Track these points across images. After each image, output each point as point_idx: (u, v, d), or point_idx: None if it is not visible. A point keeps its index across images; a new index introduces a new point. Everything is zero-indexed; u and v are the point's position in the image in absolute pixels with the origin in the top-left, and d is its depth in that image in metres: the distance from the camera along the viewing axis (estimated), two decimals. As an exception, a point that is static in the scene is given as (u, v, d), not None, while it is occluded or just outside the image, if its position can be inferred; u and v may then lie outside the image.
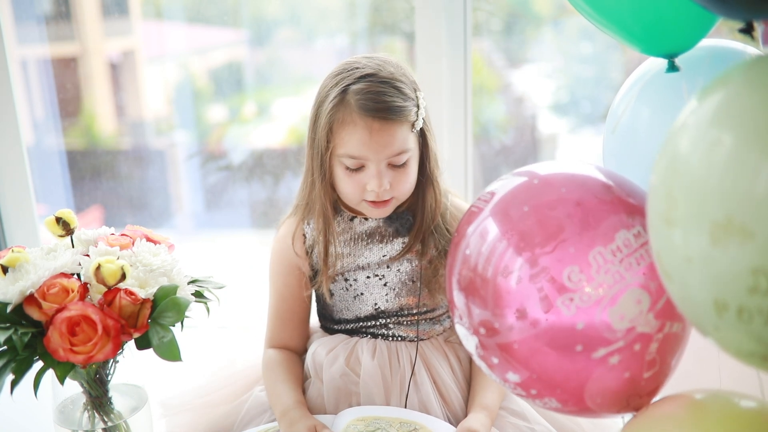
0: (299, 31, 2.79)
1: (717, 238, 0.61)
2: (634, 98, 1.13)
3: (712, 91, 0.66)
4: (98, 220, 2.66)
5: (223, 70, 2.96)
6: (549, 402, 0.87)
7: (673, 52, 1.01)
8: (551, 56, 2.65)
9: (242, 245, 2.92)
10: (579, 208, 0.83)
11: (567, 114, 2.74)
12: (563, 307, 0.81)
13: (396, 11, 2.48)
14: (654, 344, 0.83)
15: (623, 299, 0.80)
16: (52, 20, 2.58)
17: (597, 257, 0.81)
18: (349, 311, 1.32)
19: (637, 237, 0.82)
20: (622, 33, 1.02)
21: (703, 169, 0.62)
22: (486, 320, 0.85)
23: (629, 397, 0.85)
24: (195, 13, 2.76)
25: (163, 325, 1.04)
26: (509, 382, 0.88)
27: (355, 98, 1.15)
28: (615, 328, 0.81)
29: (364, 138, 1.15)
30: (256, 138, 2.96)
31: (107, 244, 1.12)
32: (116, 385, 1.16)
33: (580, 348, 0.81)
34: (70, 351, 0.99)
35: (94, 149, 2.84)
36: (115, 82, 2.87)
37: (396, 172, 1.19)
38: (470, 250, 0.88)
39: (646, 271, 0.81)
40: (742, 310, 0.62)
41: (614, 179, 0.89)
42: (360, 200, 1.22)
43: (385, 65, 1.19)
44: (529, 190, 0.87)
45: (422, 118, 1.20)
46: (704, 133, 0.64)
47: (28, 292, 1.01)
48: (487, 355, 0.88)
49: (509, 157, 2.60)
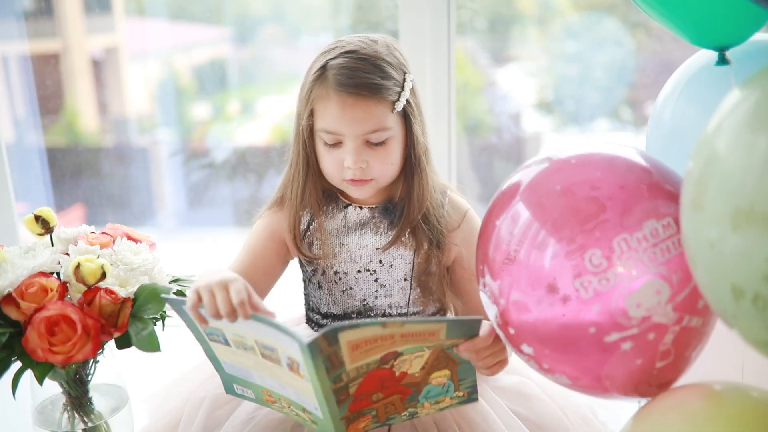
0: (283, 28, 2.78)
1: (738, 224, 0.63)
2: (679, 94, 1.14)
3: (756, 84, 0.67)
4: (80, 218, 2.63)
5: (206, 67, 2.95)
6: (560, 378, 0.90)
7: (723, 45, 1.00)
8: (535, 55, 2.66)
9: (225, 243, 2.90)
10: (621, 191, 0.84)
11: (551, 112, 2.76)
12: (581, 288, 0.82)
13: (380, 9, 2.48)
14: (669, 335, 0.83)
15: (642, 288, 0.81)
16: (32, 16, 2.56)
17: (621, 243, 0.82)
18: (337, 305, 1.31)
19: (666, 228, 0.83)
20: (674, 23, 1.01)
21: (735, 157, 0.64)
22: (517, 298, 0.87)
23: (638, 383, 0.86)
24: (178, 10, 2.74)
25: (143, 319, 1.03)
26: (523, 353, 0.90)
27: (332, 73, 1.17)
28: (630, 315, 0.82)
29: (337, 112, 1.16)
30: (240, 136, 2.95)
31: (87, 242, 1.10)
32: (96, 385, 1.15)
33: (594, 330, 0.83)
34: (49, 351, 0.98)
35: (76, 147, 2.82)
36: (98, 79, 2.85)
37: (374, 150, 1.19)
38: (504, 231, 0.90)
39: (670, 263, 0.82)
40: (757, 297, 0.63)
41: (654, 164, 0.90)
42: (340, 178, 1.22)
43: (373, 44, 1.20)
44: (562, 172, 0.89)
45: (407, 99, 1.20)
46: (740, 133, 0.65)
47: (6, 291, 1.00)
48: (505, 325, 0.90)
49: (493, 155, 2.60)
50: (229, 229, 2.92)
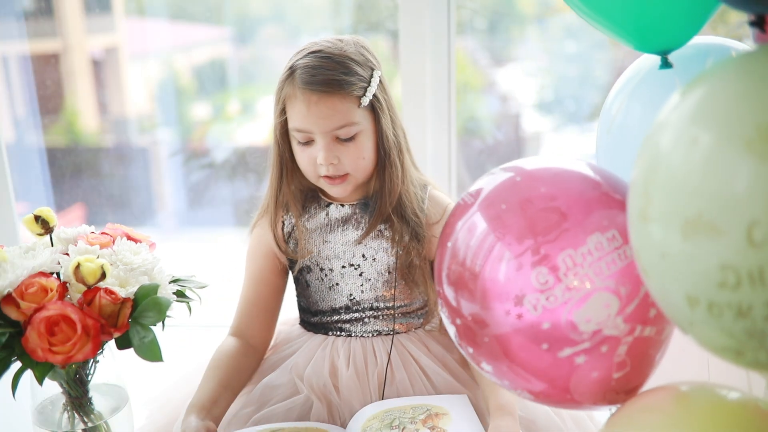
0: (283, 28, 2.78)
1: (688, 234, 0.62)
2: (627, 96, 1.13)
3: (693, 88, 0.67)
4: (80, 218, 2.63)
5: (206, 67, 2.95)
6: (522, 393, 0.89)
7: (666, 49, 1.01)
8: (536, 55, 2.66)
9: (225, 243, 2.90)
10: (566, 206, 0.83)
11: (551, 112, 2.75)
12: (530, 306, 0.81)
13: (380, 9, 2.48)
14: (623, 347, 0.83)
15: (590, 302, 0.80)
16: (32, 16, 2.56)
17: (566, 259, 0.81)
18: (325, 302, 1.32)
19: (611, 241, 0.82)
20: (614, 29, 1.01)
21: (679, 167, 0.64)
22: (474, 312, 0.86)
23: (602, 393, 0.86)
24: (178, 10, 2.74)
25: (144, 325, 1.03)
26: (484, 370, 0.90)
27: (298, 72, 1.21)
28: (581, 329, 0.81)
29: (303, 110, 1.20)
30: (240, 136, 2.95)
31: (87, 242, 1.10)
32: (96, 385, 1.15)
33: (546, 346, 0.82)
34: (48, 351, 0.97)
35: (76, 147, 2.82)
36: (98, 79, 2.85)
37: (345, 146, 1.22)
38: (459, 243, 0.88)
39: (617, 276, 0.81)
40: (712, 305, 0.63)
41: (602, 175, 0.89)
42: (317, 176, 1.25)
43: (339, 43, 1.23)
44: (513, 186, 0.87)
45: (373, 94, 1.23)
46: (683, 131, 0.64)
47: (6, 291, 1.00)
48: (464, 344, 0.90)
49: (493, 155, 2.60)
50: (229, 229, 2.92)
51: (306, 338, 1.34)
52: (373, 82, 1.22)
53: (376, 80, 1.23)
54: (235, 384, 1.25)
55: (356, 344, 1.29)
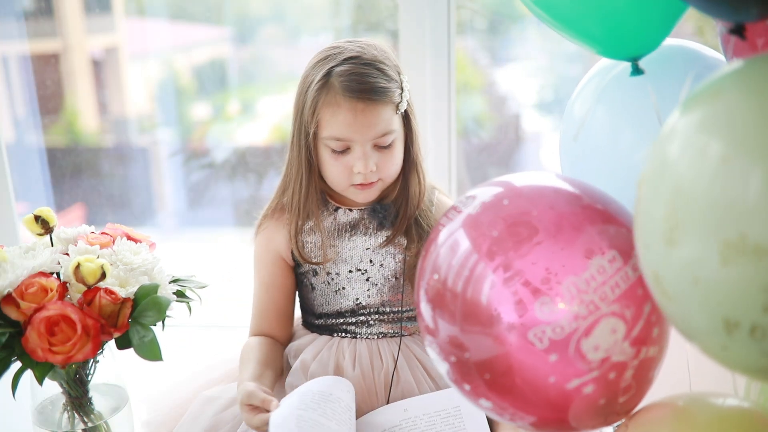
0: (283, 28, 2.78)
1: (728, 257, 0.59)
2: (592, 102, 1.09)
3: (705, 102, 0.64)
4: (80, 218, 2.63)
5: (206, 67, 2.95)
6: (523, 424, 0.86)
7: (636, 55, 0.96)
8: (535, 55, 2.66)
9: (225, 243, 2.90)
10: (562, 229, 0.80)
11: (551, 112, 2.75)
12: (536, 339, 0.78)
13: (380, 9, 2.48)
14: (629, 371, 0.81)
15: (598, 329, 0.78)
16: (32, 16, 2.56)
17: (570, 288, 0.77)
18: (330, 305, 1.32)
19: (612, 262, 0.79)
20: (580, 36, 0.97)
21: (713, 188, 0.60)
22: (454, 336, 0.83)
23: (607, 416, 0.84)
24: (178, 10, 2.74)
25: (144, 325, 1.03)
26: (482, 407, 0.86)
27: (339, 80, 1.16)
28: (589, 359, 0.78)
29: (348, 119, 1.16)
30: (240, 136, 2.95)
31: (87, 242, 1.10)
32: (96, 385, 1.15)
33: (553, 380, 0.79)
34: (48, 351, 0.98)
35: (76, 147, 2.82)
36: (98, 79, 2.85)
37: (382, 153, 1.20)
38: (440, 260, 0.85)
39: (621, 299, 0.78)
40: (755, 328, 0.60)
41: (589, 193, 0.85)
42: (348, 184, 1.22)
43: (368, 48, 1.21)
44: (500, 209, 0.83)
45: (406, 100, 1.22)
46: (700, 147, 0.61)
47: (6, 291, 1.00)
48: (460, 381, 0.85)
49: (493, 155, 2.60)
50: (229, 229, 2.92)
51: (311, 338, 1.34)
52: (405, 87, 1.21)
53: (407, 85, 1.22)
54: (272, 364, 1.25)
55: (362, 346, 1.29)
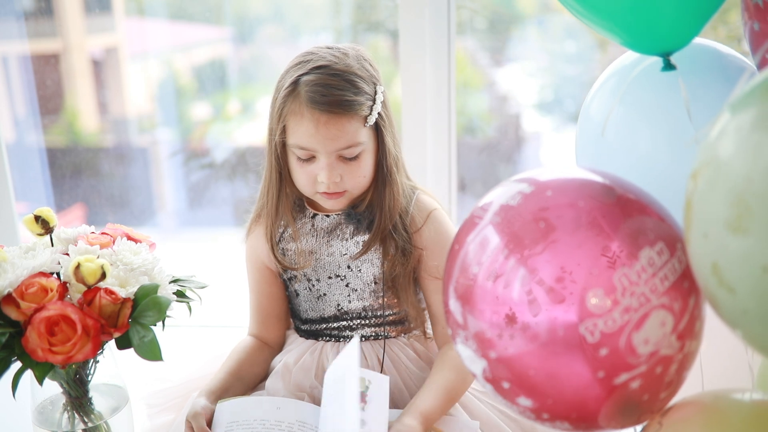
0: (283, 28, 2.77)
1: None
2: (616, 99, 1.08)
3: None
4: (80, 218, 2.63)
5: (206, 67, 2.95)
6: (561, 425, 0.84)
7: (668, 50, 0.96)
8: (535, 55, 2.66)
9: (225, 243, 2.90)
10: (608, 223, 0.79)
11: (551, 112, 2.75)
12: (587, 333, 0.76)
13: (380, 9, 2.48)
14: (674, 365, 0.80)
15: (649, 322, 0.77)
16: (32, 16, 2.55)
17: (622, 279, 0.76)
18: (314, 311, 1.32)
19: (660, 254, 0.78)
20: (611, 29, 0.97)
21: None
22: (480, 331, 0.82)
23: (642, 414, 0.83)
24: (178, 9, 2.74)
25: (144, 325, 1.03)
26: (520, 406, 0.84)
27: (304, 89, 1.15)
28: (639, 352, 0.77)
29: (310, 130, 1.15)
30: (240, 136, 2.95)
31: (87, 242, 1.10)
32: (96, 385, 1.15)
33: (602, 374, 0.78)
34: (48, 351, 0.97)
35: (76, 147, 2.82)
36: (98, 79, 2.85)
37: (347, 164, 1.19)
38: (469, 259, 0.84)
39: (670, 291, 0.78)
40: None
41: (623, 185, 0.84)
42: (314, 191, 1.22)
43: (344, 57, 1.18)
44: (536, 201, 0.83)
45: (378, 113, 1.19)
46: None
47: (6, 291, 1.00)
48: (497, 378, 0.83)
49: (493, 155, 2.60)
50: (229, 229, 2.92)
51: (297, 343, 1.34)
52: (377, 99, 1.19)
53: (381, 97, 1.19)
54: (246, 375, 1.28)
55: None
